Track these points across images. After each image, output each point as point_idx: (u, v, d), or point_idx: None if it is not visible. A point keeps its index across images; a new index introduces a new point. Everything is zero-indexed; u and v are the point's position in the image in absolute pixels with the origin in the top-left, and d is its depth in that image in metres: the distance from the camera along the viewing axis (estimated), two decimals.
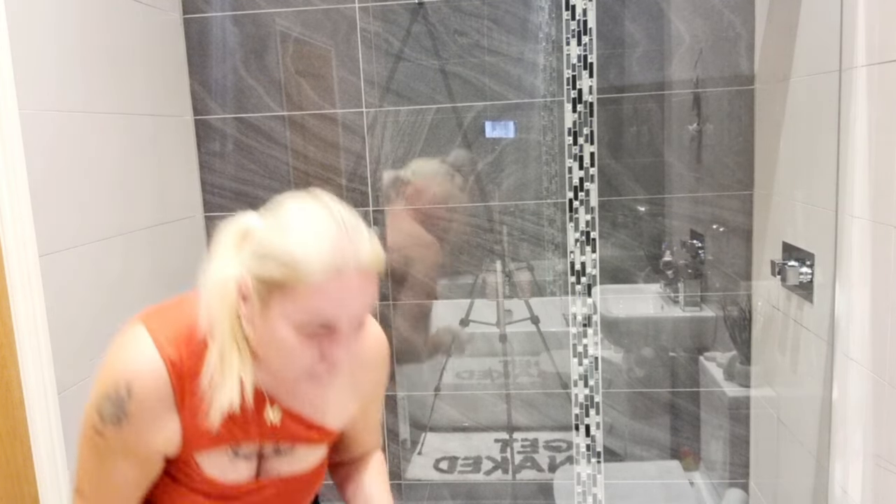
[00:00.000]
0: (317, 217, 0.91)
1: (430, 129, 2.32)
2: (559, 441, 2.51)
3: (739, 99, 2.17)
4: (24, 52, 1.57)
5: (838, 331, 1.62)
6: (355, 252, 0.90)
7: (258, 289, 0.91)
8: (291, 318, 0.89)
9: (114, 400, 0.94)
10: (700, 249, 2.32)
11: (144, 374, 0.94)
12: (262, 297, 0.90)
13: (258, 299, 0.91)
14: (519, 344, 2.49)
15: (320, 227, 0.90)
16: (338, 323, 0.91)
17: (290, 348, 0.91)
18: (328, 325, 0.91)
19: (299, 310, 0.89)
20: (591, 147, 1.93)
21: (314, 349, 0.92)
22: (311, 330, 0.90)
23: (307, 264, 0.87)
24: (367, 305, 0.93)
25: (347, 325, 0.92)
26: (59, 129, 1.69)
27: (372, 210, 2.34)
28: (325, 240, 0.89)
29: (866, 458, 1.51)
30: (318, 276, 0.87)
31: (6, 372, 1.52)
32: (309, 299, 0.88)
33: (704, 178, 2.29)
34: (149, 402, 0.94)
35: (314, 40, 2.30)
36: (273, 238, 0.91)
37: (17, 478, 1.54)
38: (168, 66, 2.24)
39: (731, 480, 2.31)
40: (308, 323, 0.90)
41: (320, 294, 0.88)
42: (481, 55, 2.26)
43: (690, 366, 2.38)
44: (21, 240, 1.54)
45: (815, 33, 1.70)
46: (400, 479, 2.49)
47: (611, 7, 2.20)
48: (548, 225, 2.35)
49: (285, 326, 0.90)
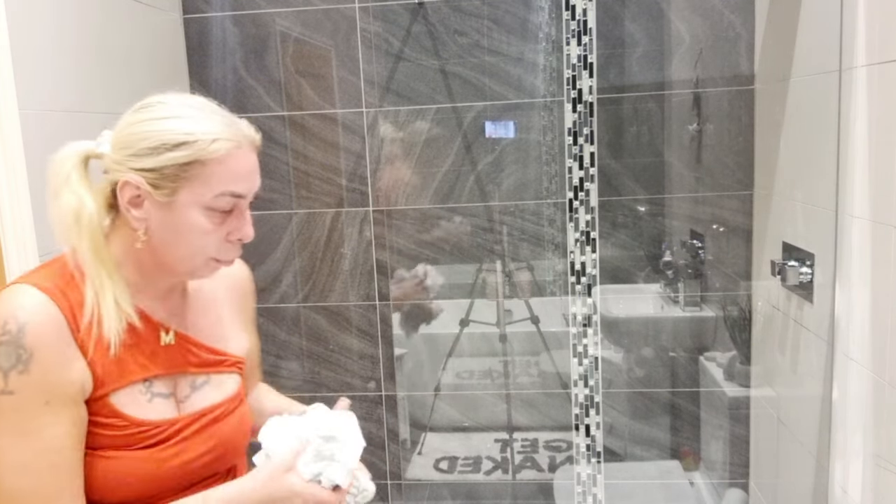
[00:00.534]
0: (191, 100, 0.97)
1: (429, 129, 2.32)
2: (559, 441, 2.51)
3: (739, 99, 2.17)
4: (24, 52, 1.57)
5: (838, 331, 1.62)
6: (241, 127, 0.97)
7: (158, 182, 0.92)
8: (203, 199, 0.93)
9: (6, 343, 0.87)
10: (700, 249, 2.32)
11: (32, 307, 0.89)
12: (165, 188, 0.92)
13: (160, 192, 0.92)
14: (519, 344, 2.49)
15: (200, 108, 0.96)
16: (245, 195, 0.97)
17: (201, 232, 0.94)
18: (237, 198, 0.96)
19: (209, 188, 0.93)
20: (591, 147, 1.93)
21: (223, 229, 0.96)
22: (222, 206, 0.94)
23: (210, 141, 0.92)
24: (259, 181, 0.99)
25: (247, 200, 0.98)
26: (59, 129, 1.69)
27: (372, 210, 2.35)
28: (212, 118, 0.95)
29: (866, 458, 1.51)
30: (224, 150, 0.92)
31: None
32: (219, 174, 0.93)
33: (704, 178, 2.29)
34: (46, 334, 0.88)
35: (314, 40, 2.30)
36: (158, 128, 0.93)
37: None
38: (168, 66, 2.24)
39: (731, 480, 2.31)
40: (219, 201, 0.94)
41: (228, 168, 0.93)
42: (481, 55, 2.26)
43: (690, 366, 2.38)
44: (21, 240, 1.54)
45: (815, 33, 1.70)
46: (400, 479, 2.49)
47: (611, 7, 2.20)
48: (548, 225, 2.35)
49: (196, 210, 0.93)
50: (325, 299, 2.40)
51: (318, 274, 2.40)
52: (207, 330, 1.07)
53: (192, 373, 1.03)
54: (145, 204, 0.94)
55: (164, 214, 0.94)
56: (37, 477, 0.88)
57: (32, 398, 0.88)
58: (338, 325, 2.41)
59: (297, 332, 2.43)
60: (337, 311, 2.41)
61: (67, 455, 0.90)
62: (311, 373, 2.44)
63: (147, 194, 0.93)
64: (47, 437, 0.88)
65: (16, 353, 0.87)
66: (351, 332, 2.41)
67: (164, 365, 1.00)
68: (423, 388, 2.55)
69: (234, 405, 1.08)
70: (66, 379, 0.90)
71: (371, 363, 2.42)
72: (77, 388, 0.91)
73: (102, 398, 0.93)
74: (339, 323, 2.41)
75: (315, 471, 0.99)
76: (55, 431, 0.89)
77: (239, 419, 1.08)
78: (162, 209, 0.93)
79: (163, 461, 0.96)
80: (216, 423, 1.04)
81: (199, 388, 1.04)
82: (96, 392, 0.93)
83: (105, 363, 0.93)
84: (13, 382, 0.87)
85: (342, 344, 2.42)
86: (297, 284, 2.40)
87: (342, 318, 2.41)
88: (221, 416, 1.05)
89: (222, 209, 0.95)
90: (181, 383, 1.02)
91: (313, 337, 2.43)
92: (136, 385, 0.96)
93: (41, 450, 0.88)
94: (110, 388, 0.94)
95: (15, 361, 0.87)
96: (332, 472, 0.99)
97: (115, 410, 0.94)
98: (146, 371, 0.97)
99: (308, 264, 2.39)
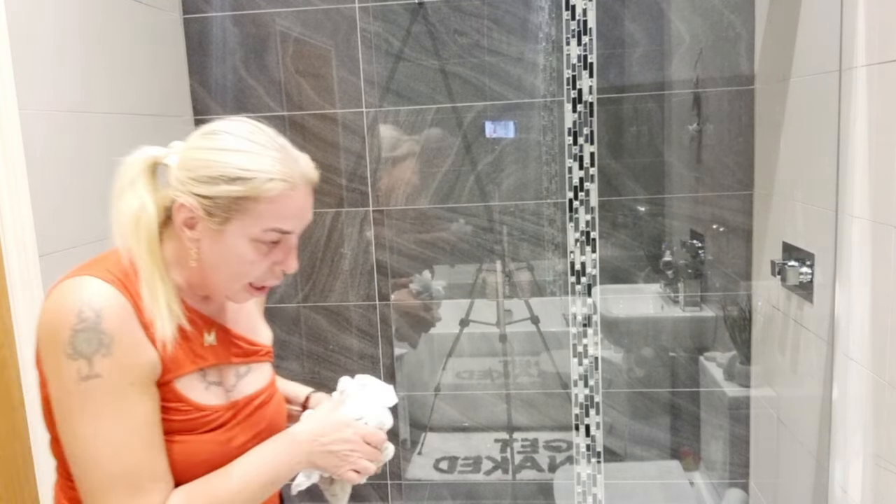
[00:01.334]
0: (255, 136, 0.99)
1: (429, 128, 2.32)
2: (559, 441, 2.51)
3: (739, 99, 2.17)
4: (24, 52, 1.57)
5: (838, 331, 1.62)
6: (300, 165, 1.00)
7: (212, 210, 0.95)
8: (251, 232, 0.97)
9: (85, 329, 0.89)
10: (700, 249, 2.32)
11: (102, 294, 0.92)
12: (217, 217, 0.96)
13: (213, 220, 0.96)
14: (519, 344, 2.49)
15: (263, 144, 0.98)
16: (292, 232, 1.00)
17: (246, 262, 0.98)
18: (282, 236, 0.99)
19: (259, 223, 0.96)
20: (591, 147, 1.93)
21: (268, 259, 1.00)
22: (269, 239, 0.98)
23: (266, 180, 0.95)
24: (311, 215, 1.03)
25: (295, 235, 1.02)
26: (59, 129, 1.69)
27: (372, 210, 2.35)
28: (272, 155, 0.97)
29: (866, 458, 1.51)
30: (277, 190, 0.96)
31: (6, 372, 1.52)
32: (270, 211, 0.96)
33: (704, 178, 2.29)
34: (122, 320, 0.92)
35: (314, 40, 2.30)
36: (218, 159, 0.96)
37: (17, 478, 1.54)
38: (168, 65, 2.24)
39: (731, 480, 2.31)
40: (267, 235, 0.97)
41: (279, 206, 0.96)
42: (481, 55, 2.26)
43: (690, 366, 2.38)
44: (21, 240, 1.54)
45: (815, 33, 1.70)
46: (400, 479, 2.49)
47: (611, 7, 2.20)
48: (548, 225, 2.35)
49: (243, 241, 0.97)
50: (325, 299, 2.40)
51: (318, 274, 2.40)
52: (243, 323, 1.13)
53: (235, 363, 1.09)
54: (198, 227, 0.98)
55: (214, 240, 0.98)
56: (135, 454, 0.92)
57: (119, 380, 0.91)
58: (338, 325, 2.41)
59: (297, 332, 2.43)
60: (337, 311, 2.41)
61: (157, 431, 0.95)
62: (311, 373, 2.44)
63: (200, 219, 0.97)
64: (137, 415, 0.92)
65: (97, 339, 0.90)
66: (351, 332, 2.42)
67: (213, 357, 1.05)
68: (423, 388, 2.55)
69: (273, 391, 1.15)
70: (144, 360, 0.94)
71: (371, 363, 2.42)
72: (151, 370, 0.95)
73: (168, 383, 0.97)
74: (339, 323, 2.41)
75: (356, 413, 1.10)
76: (143, 409, 0.93)
77: (278, 403, 1.16)
78: (212, 235, 0.97)
79: (224, 443, 1.02)
80: (262, 407, 1.10)
81: (243, 377, 1.10)
82: (164, 377, 0.97)
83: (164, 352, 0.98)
84: (98, 366, 0.90)
85: (342, 344, 2.42)
86: (297, 284, 2.40)
87: (342, 318, 2.41)
88: (265, 401, 1.11)
89: (269, 241, 0.99)
90: (227, 373, 1.08)
91: (313, 337, 2.43)
92: (193, 374, 1.01)
93: (134, 428, 0.92)
94: (174, 375, 0.98)
95: (97, 346, 0.90)
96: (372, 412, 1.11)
97: (179, 395, 0.98)
98: (201, 362, 1.03)
99: (308, 264, 2.39)
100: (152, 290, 0.96)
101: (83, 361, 0.89)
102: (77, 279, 0.93)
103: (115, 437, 0.91)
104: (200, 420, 1.00)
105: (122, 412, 0.91)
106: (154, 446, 0.94)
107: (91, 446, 0.91)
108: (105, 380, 0.90)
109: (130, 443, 0.92)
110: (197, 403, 1.00)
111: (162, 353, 0.96)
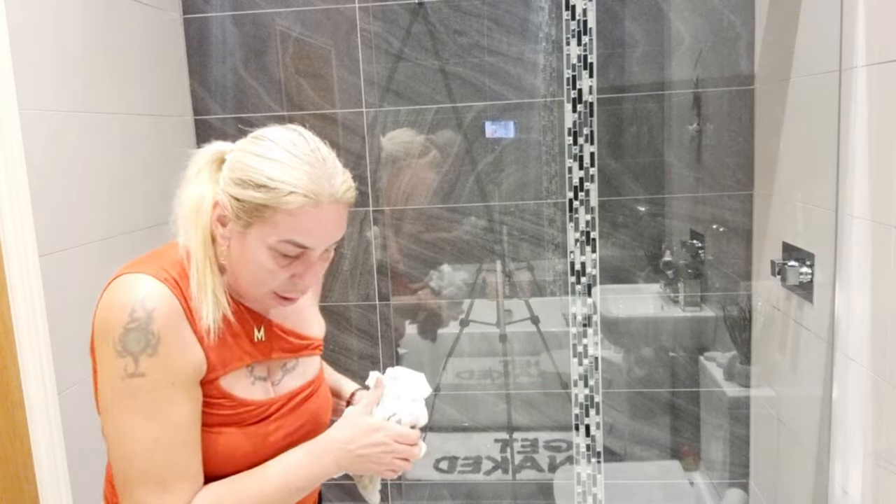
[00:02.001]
0: (295, 147, 0.99)
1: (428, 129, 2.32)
2: (559, 441, 2.51)
3: (739, 99, 2.17)
4: (24, 52, 1.57)
5: (838, 331, 1.62)
6: (331, 183, 0.98)
7: (238, 212, 0.97)
8: (268, 241, 0.97)
9: (135, 328, 0.93)
10: (700, 249, 2.32)
11: (155, 295, 0.95)
12: (242, 219, 0.98)
13: (238, 222, 0.98)
14: (519, 344, 2.49)
15: (298, 156, 0.98)
16: (311, 248, 0.99)
17: (265, 269, 0.99)
18: (302, 250, 0.99)
19: (276, 233, 0.97)
20: (591, 147, 1.93)
21: (287, 271, 1.00)
22: (286, 252, 0.98)
23: (287, 192, 0.95)
24: (339, 235, 1.02)
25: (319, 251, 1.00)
26: (59, 129, 1.69)
27: (372, 210, 2.35)
28: (303, 169, 0.97)
29: (866, 458, 1.51)
30: (296, 204, 0.95)
31: (6, 372, 1.52)
32: (286, 224, 0.96)
33: (704, 178, 2.29)
34: (171, 321, 0.95)
35: (314, 40, 2.30)
36: (253, 164, 0.98)
37: (17, 478, 1.54)
38: (168, 66, 2.24)
39: (731, 480, 2.31)
40: (283, 246, 0.97)
41: (298, 220, 0.96)
42: (481, 55, 2.26)
43: (690, 366, 2.38)
44: (21, 240, 1.54)
45: (815, 33, 1.70)
46: (400, 480, 2.49)
47: (611, 7, 2.20)
48: (548, 225, 2.35)
49: (262, 248, 0.98)
50: (325, 299, 2.40)
51: None
52: (293, 317, 1.15)
53: (283, 357, 1.11)
54: (228, 226, 1.00)
55: (239, 242, 1.00)
56: (167, 452, 0.95)
57: (161, 379, 0.94)
58: (338, 325, 2.41)
59: None
60: (337, 311, 2.41)
61: (193, 432, 0.98)
62: None
63: (230, 219, 0.99)
64: (175, 414, 0.96)
65: (145, 338, 0.93)
66: (351, 332, 2.42)
67: (261, 353, 1.08)
68: None
69: (318, 384, 1.16)
70: (188, 361, 0.97)
71: (371, 363, 2.42)
72: (195, 371, 0.98)
73: (214, 381, 1.00)
74: (339, 323, 2.41)
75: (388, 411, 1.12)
76: (182, 409, 0.96)
77: (324, 397, 1.17)
78: (238, 237, 1.00)
79: (265, 436, 1.05)
80: (306, 401, 1.12)
81: (289, 371, 1.12)
82: (209, 375, 1.00)
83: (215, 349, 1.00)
84: (143, 365, 0.93)
85: (342, 344, 2.42)
86: None
87: (342, 318, 2.41)
88: (310, 395, 1.13)
89: (287, 254, 0.99)
90: (274, 367, 1.10)
91: None
92: (240, 370, 1.04)
93: (171, 426, 0.95)
94: (220, 373, 1.01)
95: (145, 346, 0.93)
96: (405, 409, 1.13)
97: (224, 392, 1.01)
98: (249, 358, 1.05)
99: None
100: (202, 279, 0.99)
101: (130, 359, 0.93)
102: (134, 276, 0.97)
103: (149, 434, 0.94)
104: (244, 414, 1.03)
105: (160, 412, 0.95)
106: (187, 446, 0.97)
107: (127, 440, 0.95)
108: (148, 379, 0.94)
109: (163, 441, 0.95)
110: (242, 399, 1.03)
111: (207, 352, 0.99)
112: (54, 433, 1.61)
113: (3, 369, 1.52)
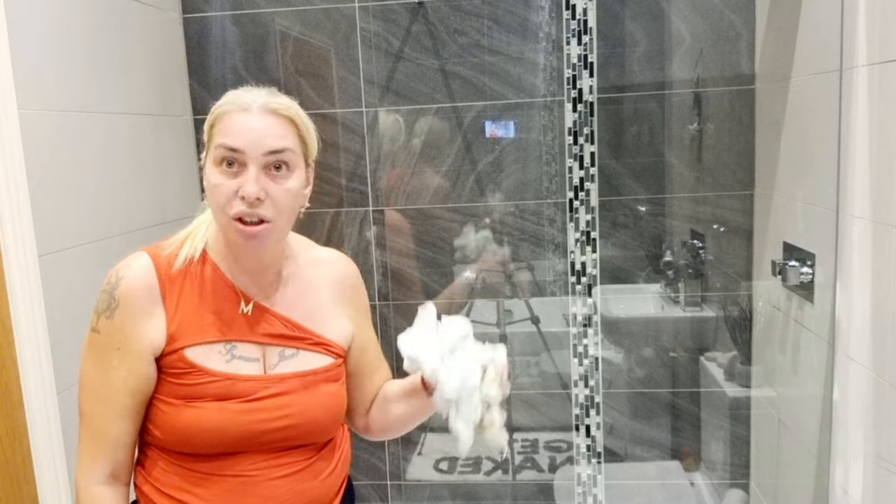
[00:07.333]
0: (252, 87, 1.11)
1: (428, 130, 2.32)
2: (559, 441, 2.51)
3: (740, 99, 2.16)
4: (24, 52, 1.57)
5: (839, 331, 1.62)
6: (259, 94, 1.08)
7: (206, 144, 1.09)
8: (213, 156, 1.06)
9: (106, 291, 1.07)
10: (700, 249, 2.32)
11: (132, 266, 1.09)
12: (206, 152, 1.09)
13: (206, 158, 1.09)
14: (519, 344, 2.49)
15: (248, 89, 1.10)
16: (241, 150, 1.04)
17: (212, 185, 1.06)
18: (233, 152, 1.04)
19: (213, 141, 1.06)
20: (591, 147, 1.93)
21: (230, 185, 1.04)
22: (223, 158, 1.04)
23: (221, 104, 1.08)
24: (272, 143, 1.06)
25: (255, 159, 1.04)
26: (59, 129, 1.69)
27: (372, 210, 2.34)
28: (238, 90, 1.10)
29: (867, 458, 1.51)
30: (227, 108, 1.06)
31: (6, 372, 1.52)
32: (218, 132, 1.06)
33: (705, 177, 2.28)
34: (134, 289, 1.06)
35: (314, 40, 2.30)
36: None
37: (16, 478, 1.54)
38: (168, 65, 2.24)
39: (732, 481, 2.31)
40: (219, 153, 1.05)
41: (225, 124, 1.05)
42: (481, 55, 2.26)
43: (691, 366, 2.38)
44: (21, 240, 1.54)
45: (815, 33, 1.70)
46: (400, 480, 2.49)
47: (611, 7, 2.20)
48: (548, 225, 2.35)
49: (210, 166, 1.07)
50: None
51: None
52: (301, 310, 1.17)
53: (278, 344, 1.13)
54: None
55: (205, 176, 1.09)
56: (98, 405, 1.08)
57: (110, 341, 1.07)
58: None
59: None
60: None
61: (119, 398, 1.07)
62: None
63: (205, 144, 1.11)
64: (112, 373, 1.07)
65: (108, 301, 1.07)
66: None
67: (241, 332, 1.12)
68: None
69: (315, 380, 1.14)
70: (139, 333, 1.06)
71: None
72: (147, 344, 1.07)
73: (177, 351, 1.07)
74: None
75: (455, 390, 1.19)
76: (116, 374, 1.06)
77: (323, 396, 1.15)
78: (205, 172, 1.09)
79: (237, 415, 1.07)
80: (293, 393, 1.12)
81: (287, 359, 1.14)
82: (169, 346, 1.07)
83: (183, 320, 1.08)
84: (101, 323, 1.07)
85: None
86: None
87: None
88: (299, 387, 1.12)
89: (224, 159, 1.05)
90: (269, 352, 1.13)
91: None
92: (215, 345, 1.09)
93: (104, 384, 1.07)
94: (186, 343, 1.08)
95: (105, 307, 1.07)
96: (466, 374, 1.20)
97: (190, 363, 1.07)
98: (224, 334, 1.10)
99: None
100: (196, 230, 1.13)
101: (95, 316, 1.08)
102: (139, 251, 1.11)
103: (92, 384, 1.08)
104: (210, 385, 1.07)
105: (103, 368, 1.07)
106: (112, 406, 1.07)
107: (82, 380, 1.10)
108: (101, 336, 1.07)
109: (100, 394, 1.07)
110: (208, 370, 1.07)
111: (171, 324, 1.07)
112: (54, 434, 1.61)
113: (3, 369, 1.52)
